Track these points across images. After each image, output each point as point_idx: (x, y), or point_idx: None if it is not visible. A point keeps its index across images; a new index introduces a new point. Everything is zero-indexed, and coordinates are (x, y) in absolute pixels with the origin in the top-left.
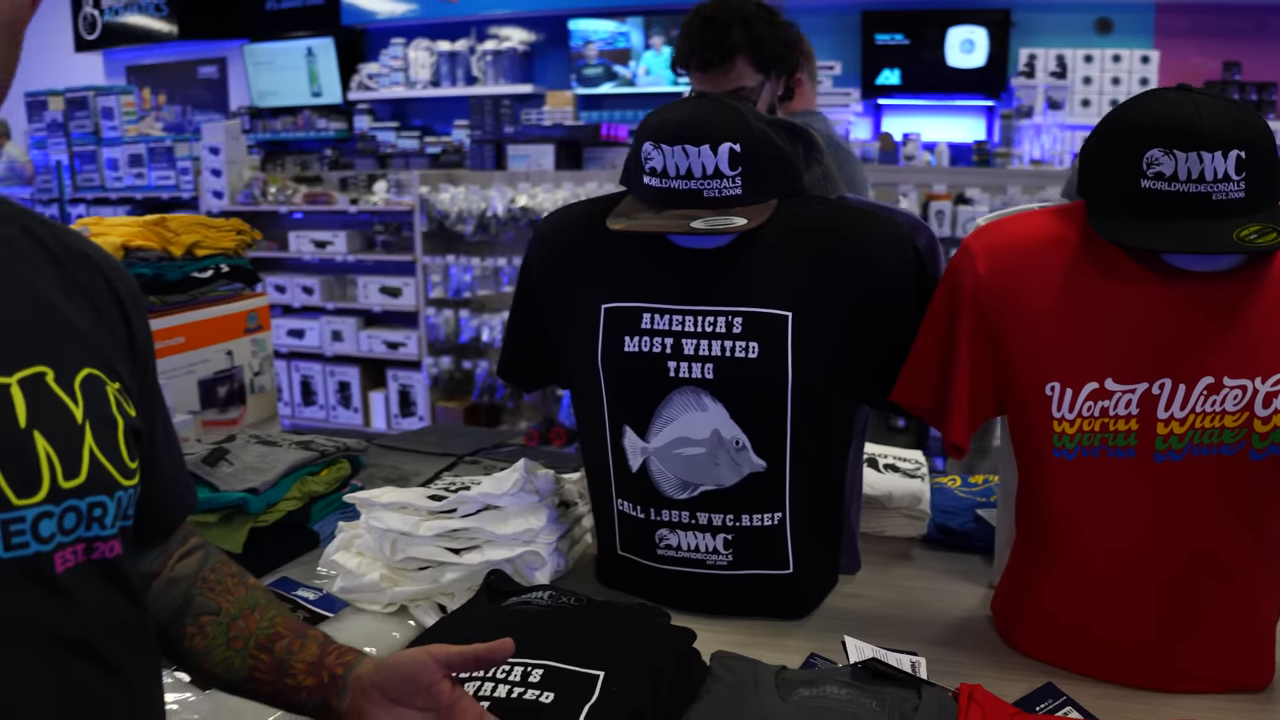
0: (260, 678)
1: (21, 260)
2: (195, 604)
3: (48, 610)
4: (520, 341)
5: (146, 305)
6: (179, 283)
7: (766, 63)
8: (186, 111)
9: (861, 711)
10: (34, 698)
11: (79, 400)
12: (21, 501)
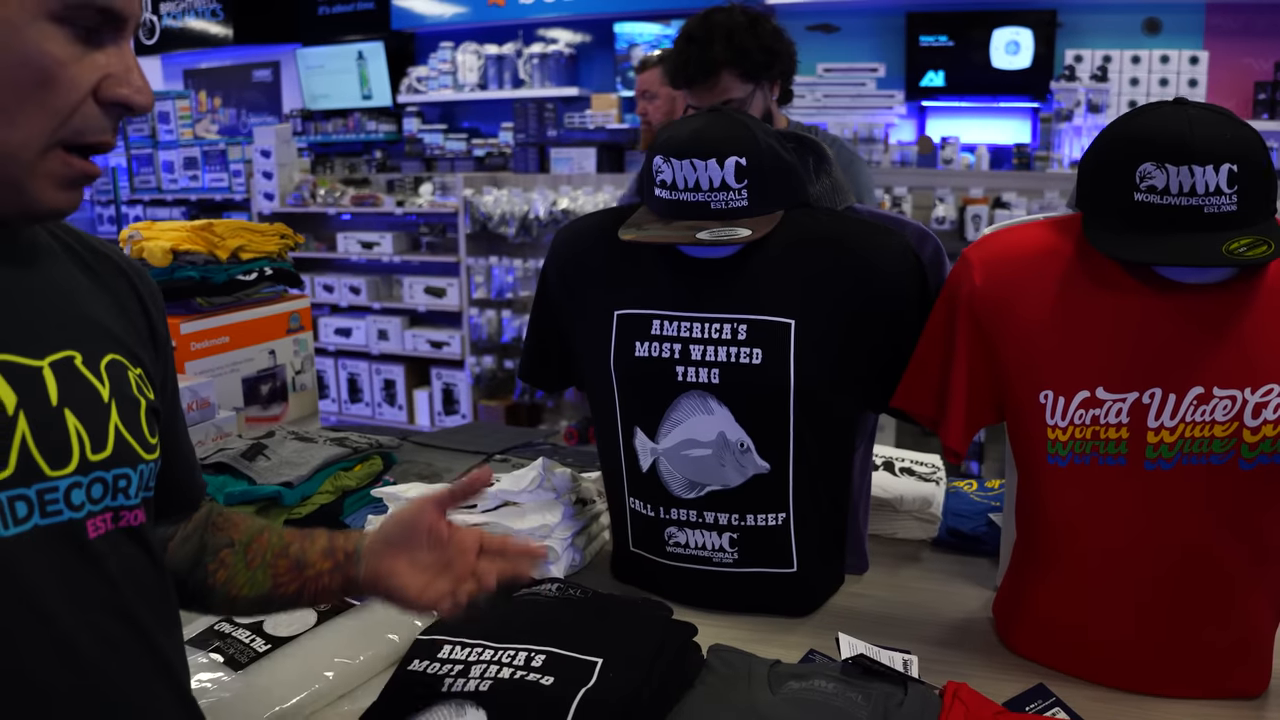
0: (283, 581)
1: (51, 262)
2: (210, 544)
3: (82, 573)
4: (539, 345)
5: (165, 305)
6: (224, 285)
7: (753, 73)
8: (241, 114)
9: (846, 705)
10: (75, 655)
11: (105, 381)
12: (54, 473)
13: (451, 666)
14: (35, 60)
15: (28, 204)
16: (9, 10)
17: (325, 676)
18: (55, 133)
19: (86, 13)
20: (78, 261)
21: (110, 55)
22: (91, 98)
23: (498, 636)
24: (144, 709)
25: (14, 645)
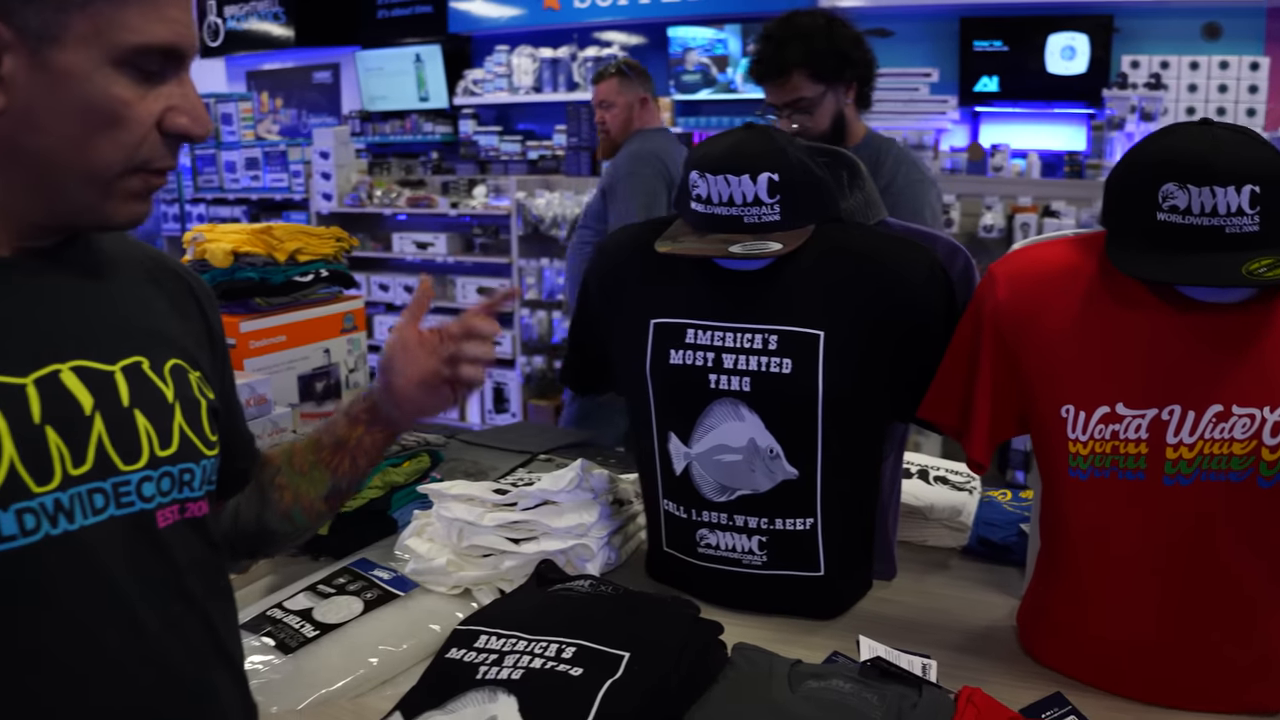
0: (337, 466)
1: (120, 274)
2: (264, 483)
3: (151, 560)
4: (580, 351)
5: (223, 305)
6: (282, 286)
7: (824, 75)
8: (301, 114)
9: (861, 705)
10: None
11: (169, 384)
12: (127, 468)
13: (487, 655)
14: (104, 104)
15: (104, 220)
16: (78, 60)
17: (370, 662)
18: (126, 162)
19: (148, 57)
20: (142, 272)
21: (171, 88)
22: (155, 129)
23: (531, 629)
24: (204, 686)
25: (92, 625)
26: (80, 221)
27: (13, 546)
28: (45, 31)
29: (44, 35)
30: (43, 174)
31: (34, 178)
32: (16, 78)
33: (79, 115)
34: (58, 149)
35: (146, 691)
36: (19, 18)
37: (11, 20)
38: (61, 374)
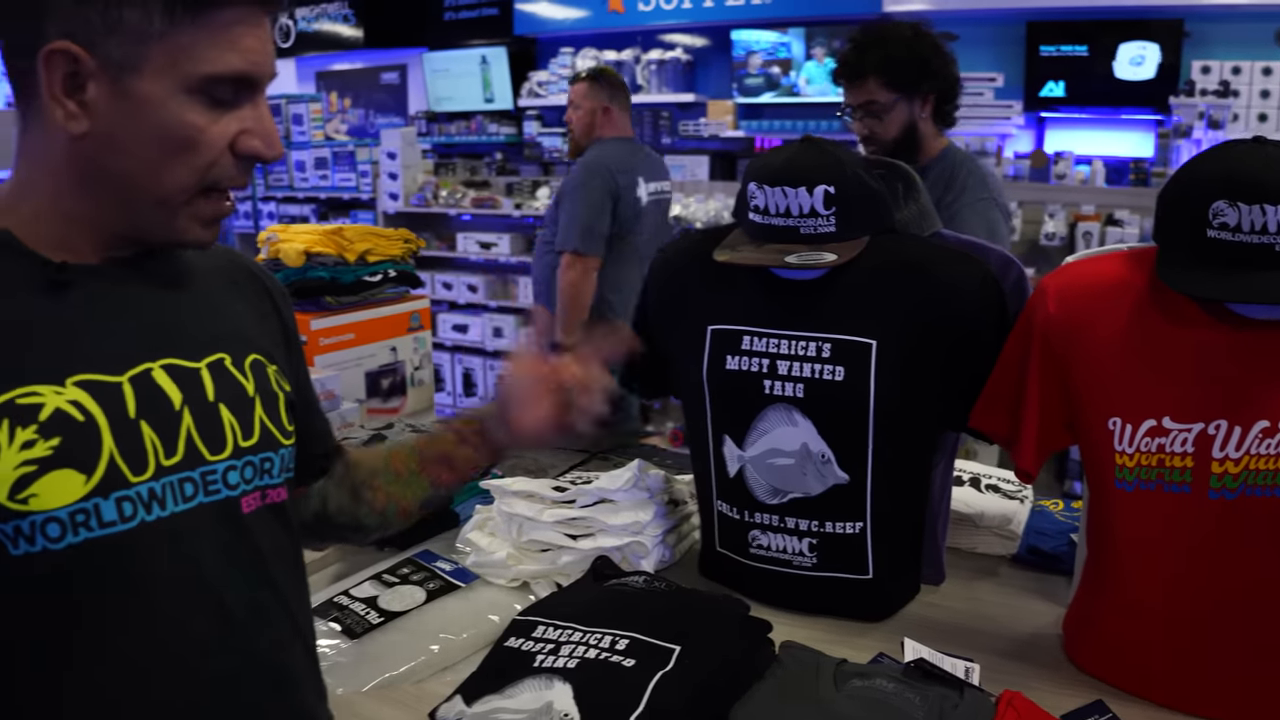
0: (439, 477)
1: (202, 277)
2: (359, 481)
3: (236, 544)
4: (639, 355)
5: (296, 303)
6: (351, 285)
7: (899, 83)
8: (369, 114)
9: (903, 704)
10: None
11: (249, 378)
12: (213, 457)
13: (544, 645)
14: (177, 129)
15: (175, 238)
16: (154, 88)
17: (431, 649)
18: (198, 183)
19: (220, 86)
20: (221, 273)
21: (245, 112)
22: (228, 150)
23: (587, 620)
24: (282, 665)
25: (180, 606)
26: (153, 238)
27: (113, 532)
28: (125, 61)
29: (124, 65)
30: (122, 193)
31: (115, 196)
32: (99, 104)
33: (155, 140)
34: (135, 171)
35: (232, 674)
36: (102, 49)
37: (96, 51)
38: (153, 372)
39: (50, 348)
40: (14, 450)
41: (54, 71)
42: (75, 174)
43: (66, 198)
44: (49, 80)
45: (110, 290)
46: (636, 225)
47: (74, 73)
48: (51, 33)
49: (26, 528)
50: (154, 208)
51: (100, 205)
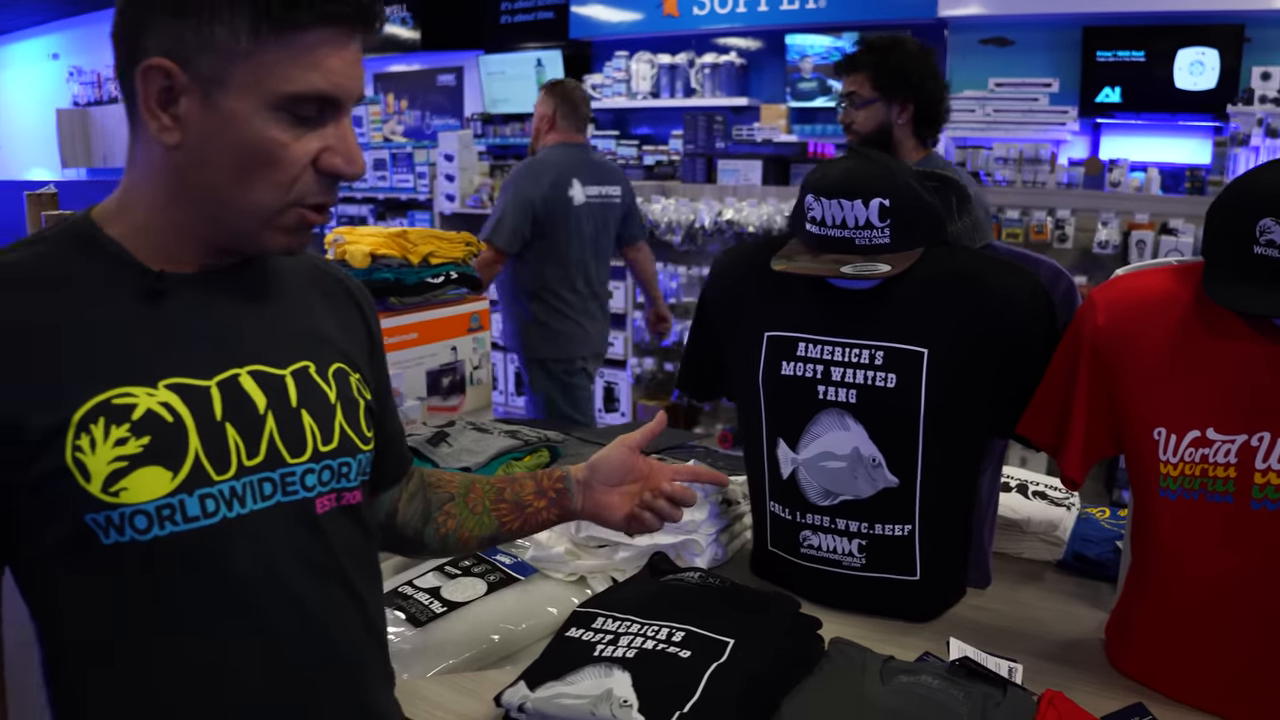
0: (507, 521)
1: (290, 285)
2: (433, 502)
3: (311, 542)
4: (697, 360)
5: (376, 307)
6: (415, 286)
7: (881, 84)
8: (425, 116)
9: (948, 700)
10: (304, 610)
11: (332, 386)
12: (293, 460)
13: (603, 635)
14: (260, 144)
15: (261, 247)
16: (240, 104)
17: (492, 639)
18: (281, 198)
19: (303, 103)
20: (308, 281)
21: (329, 130)
22: (311, 168)
23: (644, 613)
24: (352, 658)
25: (257, 600)
26: (242, 248)
27: (195, 527)
28: (214, 77)
29: (213, 80)
30: (210, 205)
31: (205, 207)
32: (190, 117)
33: (239, 154)
34: (221, 184)
35: (304, 666)
36: (194, 65)
37: (188, 67)
38: (240, 377)
39: (145, 351)
40: (108, 446)
41: (150, 85)
42: (172, 185)
43: (167, 208)
44: (145, 93)
45: (204, 298)
46: (568, 223)
47: (168, 87)
48: (150, 48)
49: (117, 519)
50: (240, 218)
51: (195, 216)
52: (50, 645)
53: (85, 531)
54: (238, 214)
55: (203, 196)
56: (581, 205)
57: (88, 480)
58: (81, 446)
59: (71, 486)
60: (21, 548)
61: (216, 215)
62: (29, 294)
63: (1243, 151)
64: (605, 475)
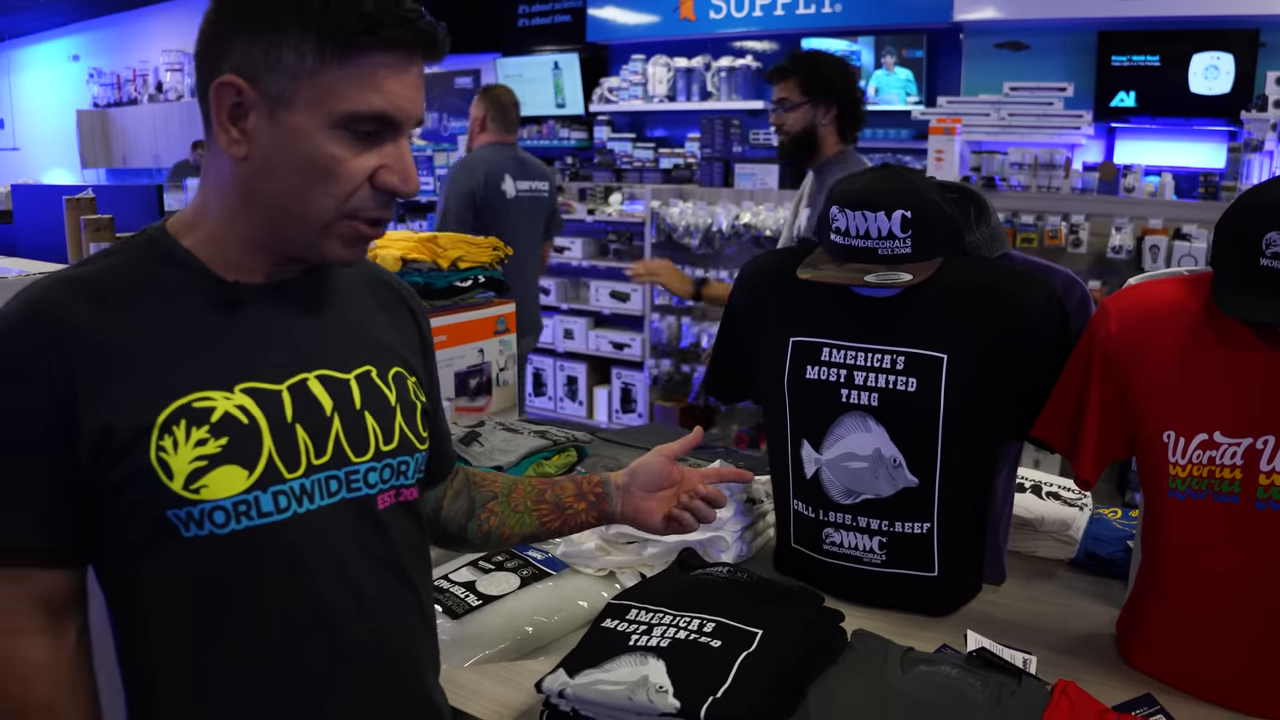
0: (547, 520)
1: (351, 294)
2: (477, 499)
3: (372, 536)
4: (724, 364)
5: (424, 310)
6: (444, 290)
7: (808, 89)
8: (443, 118)
9: (965, 688)
10: (364, 598)
11: (392, 389)
12: (357, 459)
13: (637, 626)
14: (320, 159)
15: (321, 256)
16: (303, 121)
17: (525, 631)
18: (338, 210)
19: (363, 121)
20: (367, 290)
21: (387, 150)
22: (368, 184)
23: (676, 605)
24: (408, 642)
25: (323, 588)
26: (304, 257)
27: (269, 521)
28: (280, 95)
29: (279, 98)
30: (274, 214)
31: (269, 217)
32: (258, 132)
33: (300, 167)
34: (284, 195)
35: (365, 652)
36: (263, 83)
37: (257, 84)
38: (308, 381)
39: (222, 358)
40: (189, 447)
41: (222, 100)
42: (239, 196)
43: (234, 219)
44: (217, 108)
45: (275, 307)
46: (503, 213)
47: (238, 103)
48: (224, 66)
49: (197, 514)
50: (300, 228)
51: (259, 226)
52: (126, 634)
53: (167, 526)
54: (298, 223)
55: (266, 206)
56: (513, 199)
57: (170, 478)
58: (165, 447)
59: (155, 485)
60: (106, 546)
61: (278, 225)
62: (113, 305)
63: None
64: (644, 482)
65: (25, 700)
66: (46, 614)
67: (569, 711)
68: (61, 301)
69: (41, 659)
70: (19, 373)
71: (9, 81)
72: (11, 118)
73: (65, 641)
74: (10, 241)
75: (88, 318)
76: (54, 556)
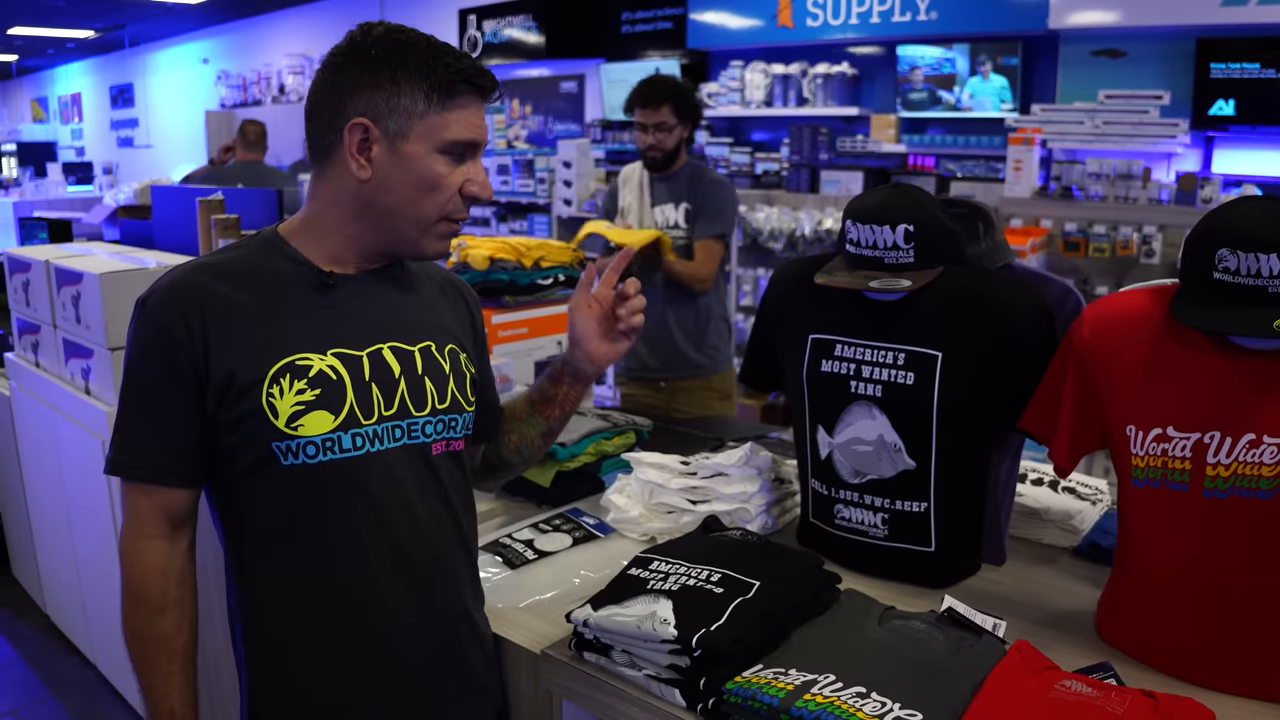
0: (550, 414)
1: (420, 284)
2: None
3: (426, 475)
4: (756, 357)
5: (492, 304)
6: (527, 287)
7: (680, 112)
8: (547, 121)
9: (928, 639)
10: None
11: (447, 361)
12: (417, 414)
13: (656, 574)
14: (429, 176)
15: (420, 252)
16: (416, 149)
17: (573, 581)
18: (438, 214)
19: (458, 148)
20: (432, 283)
21: (469, 166)
22: (457, 193)
23: (691, 559)
24: (452, 563)
25: (386, 510)
26: (405, 253)
27: (348, 456)
28: (399, 132)
29: (398, 134)
30: (387, 220)
31: (381, 223)
32: (380, 159)
33: (414, 183)
34: (399, 205)
35: (418, 560)
36: (384, 122)
37: (380, 124)
38: (383, 350)
39: (318, 328)
40: (291, 394)
41: (353, 137)
42: (356, 207)
43: (347, 224)
44: (349, 143)
45: (360, 291)
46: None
47: (365, 139)
48: (351, 112)
49: (294, 447)
50: (411, 229)
51: (367, 230)
52: (233, 543)
53: (270, 456)
54: (409, 225)
55: (383, 214)
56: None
57: (275, 418)
58: (273, 394)
59: (263, 422)
60: (219, 471)
61: (391, 226)
62: (238, 285)
63: None
64: (582, 333)
65: (146, 587)
66: (168, 524)
67: (591, 639)
68: (200, 281)
69: (162, 558)
70: (168, 331)
71: (144, 83)
72: (146, 117)
73: (179, 548)
74: (148, 235)
75: (219, 293)
76: (179, 478)
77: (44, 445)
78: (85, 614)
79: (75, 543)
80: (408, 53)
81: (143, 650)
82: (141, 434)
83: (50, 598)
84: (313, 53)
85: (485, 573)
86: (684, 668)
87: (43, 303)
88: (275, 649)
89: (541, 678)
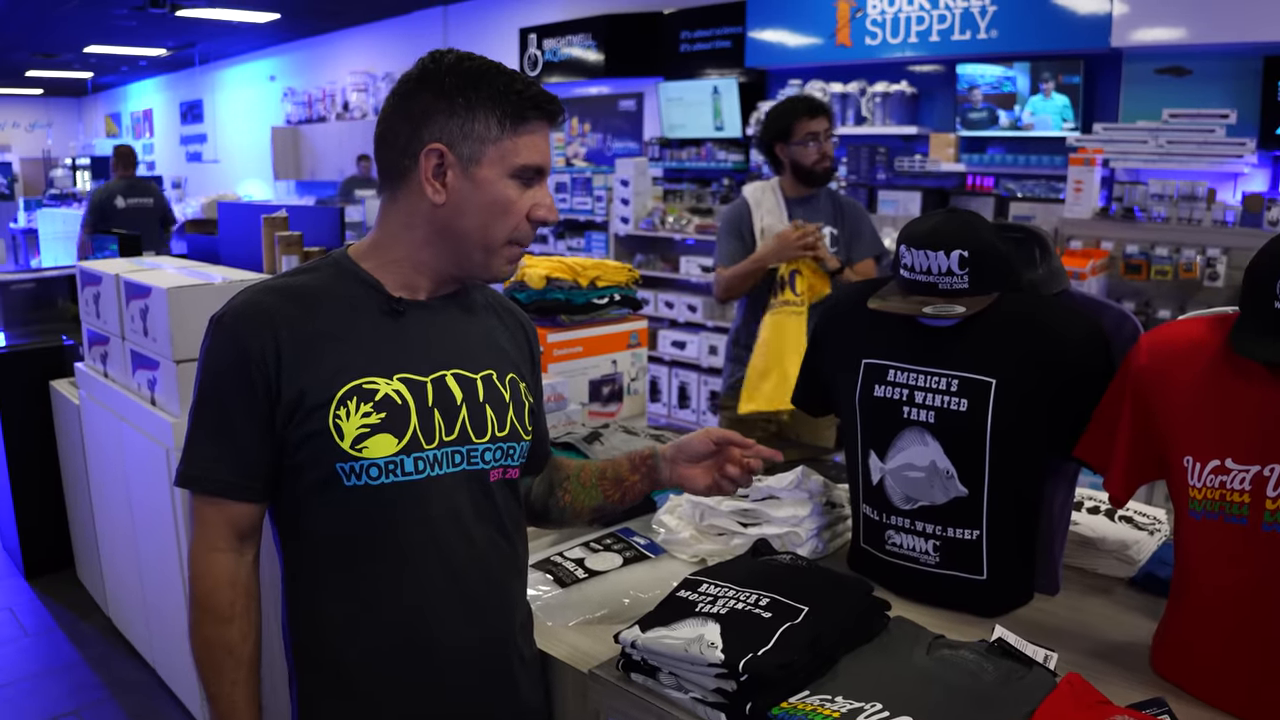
0: (609, 493)
1: (481, 312)
2: (555, 480)
3: (482, 500)
4: (809, 379)
5: (548, 323)
6: (582, 306)
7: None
8: (606, 139)
9: (978, 670)
10: (474, 544)
11: (506, 389)
12: (477, 440)
13: (705, 597)
14: (501, 200)
15: (489, 274)
16: (489, 174)
17: (623, 602)
18: (507, 237)
19: (528, 172)
20: (494, 312)
21: (536, 190)
22: (525, 217)
23: (740, 583)
24: (504, 584)
25: (443, 533)
26: (474, 276)
27: (409, 479)
28: (472, 157)
29: (471, 159)
30: (459, 242)
31: (454, 246)
32: (454, 184)
33: (486, 206)
34: (472, 227)
35: (472, 583)
36: (459, 148)
37: (454, 150)
38: (446, 377)
39: (386, 353)
40: (357, 417)
41: (428, 162)
42: (428, 231)
43: (419, 248)
44: (425, 168)
45: (427, 318)
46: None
47: (440, 164)
48: (426, 138)
49: (358, 469)
50: (480, 252)
51: (439, 254)
52: (293, 562)
53: (334, 476)
54: (479, 248)
55: (455, 237)
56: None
57: (341, 439)
58: (340, 415)
59: (329, 443)
60: (284, 488)
61: (462, 249)
62: (310, 308)
63: None
64: (689, 455)
65: (215, 599)
66: (236, 537)
67: (639, 660)
68: (273, 303)
69: (230, 571)
70: (243, 351)
71: (212, 99)
72: (214, 133)
73: (245, 560)
74: (213, 249)
75: (292, 315)
76: (247, 493)
77: (110, 453)
78: (146, 618)
79: (138, 548)
80: (480, 79)
81: (210, 659)
82: (212, 449)
83: (112, 601)
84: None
85: (535, 590)
86: (730, 692)
87: (112, 315)
88: (326, 665)
89: (589, 697)
